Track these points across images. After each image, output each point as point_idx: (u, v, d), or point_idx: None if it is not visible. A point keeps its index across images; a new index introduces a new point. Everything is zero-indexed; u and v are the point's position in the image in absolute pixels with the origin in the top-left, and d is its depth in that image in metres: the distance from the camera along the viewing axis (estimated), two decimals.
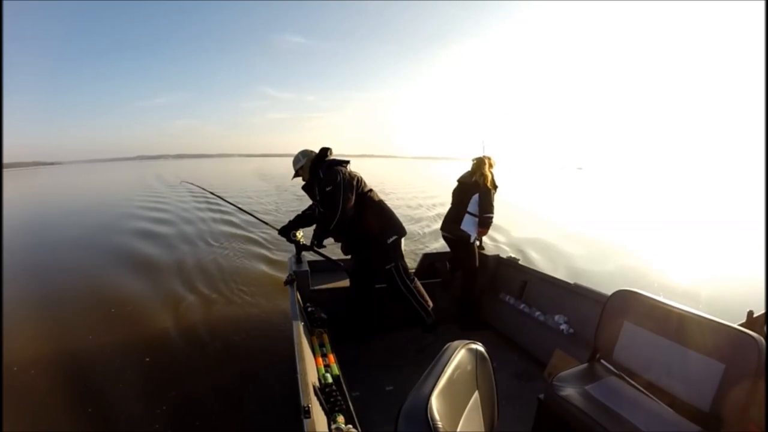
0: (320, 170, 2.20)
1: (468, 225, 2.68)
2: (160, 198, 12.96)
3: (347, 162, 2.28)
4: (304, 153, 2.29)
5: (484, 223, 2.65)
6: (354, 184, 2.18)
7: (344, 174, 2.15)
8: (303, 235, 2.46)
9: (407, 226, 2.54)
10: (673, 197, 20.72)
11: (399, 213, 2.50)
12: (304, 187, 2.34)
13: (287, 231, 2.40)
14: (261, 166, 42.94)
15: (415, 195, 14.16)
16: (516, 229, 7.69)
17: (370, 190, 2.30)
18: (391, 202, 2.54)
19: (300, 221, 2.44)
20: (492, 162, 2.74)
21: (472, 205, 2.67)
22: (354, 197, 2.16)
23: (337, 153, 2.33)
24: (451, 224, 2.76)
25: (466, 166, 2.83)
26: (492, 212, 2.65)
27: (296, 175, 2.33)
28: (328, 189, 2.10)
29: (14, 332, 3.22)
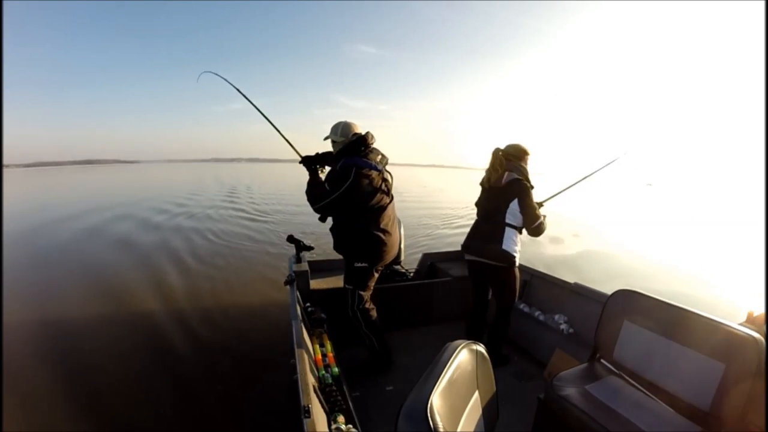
0: (343, 158, 1.95)
1: (509, 242, 2.03)
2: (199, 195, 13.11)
3: (378, 169, 1.97)
4: (344, 131, 2.00)
5: (536, 233, 2.06)
6: (362, 194, 1.91)
7: (359, 180, 1.88)
8: (302, 235, 2.44)
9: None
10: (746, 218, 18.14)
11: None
12: (324, 153, 2.17)
13: (311, 162, 2.13)
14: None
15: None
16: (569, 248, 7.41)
17: (382, 208, 1.99)
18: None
19: (322, 159, 2.17)
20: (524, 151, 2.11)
21: (511, 215, 2.03)
22: (350, 206, 1.93)
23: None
24: (486, 244, 2.08)
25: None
26: (539, 217, 2.04)
27: (328, 137, 2.08)
28: (333, 177, 1.93)
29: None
